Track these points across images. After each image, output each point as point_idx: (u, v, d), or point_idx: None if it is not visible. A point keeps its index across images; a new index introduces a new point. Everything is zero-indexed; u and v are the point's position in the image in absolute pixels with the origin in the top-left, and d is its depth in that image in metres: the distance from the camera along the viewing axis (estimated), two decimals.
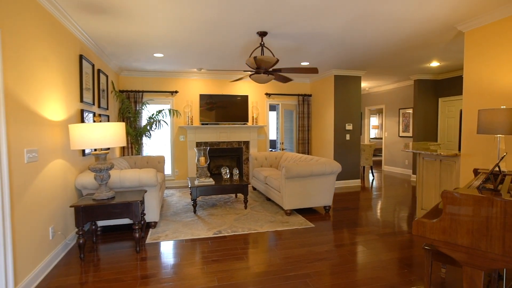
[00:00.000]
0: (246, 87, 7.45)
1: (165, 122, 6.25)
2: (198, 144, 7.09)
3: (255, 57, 3.67)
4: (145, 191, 3.58)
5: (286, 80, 4.24)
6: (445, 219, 1.81)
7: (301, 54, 5.23)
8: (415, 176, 7.59)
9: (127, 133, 5.96)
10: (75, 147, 2.93)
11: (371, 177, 8.01)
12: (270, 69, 3.90)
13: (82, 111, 3.86)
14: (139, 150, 6.18)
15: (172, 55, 5.21)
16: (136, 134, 6.07)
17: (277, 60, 3.76)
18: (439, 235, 1.83)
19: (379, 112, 12.76)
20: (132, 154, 6.46)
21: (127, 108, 6.07)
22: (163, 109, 6.30)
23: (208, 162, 5.20)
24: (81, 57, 3.87)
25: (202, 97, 6.96)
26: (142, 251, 3.28)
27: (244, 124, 7.30)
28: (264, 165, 6.46)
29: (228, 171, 5.27)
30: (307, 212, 4.72)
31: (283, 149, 7.37)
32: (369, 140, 11.66)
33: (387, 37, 4.25)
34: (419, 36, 4.20)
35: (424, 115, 7.57)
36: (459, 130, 6.17)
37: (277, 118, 10.01)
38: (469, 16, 3.52)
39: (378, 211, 4.84)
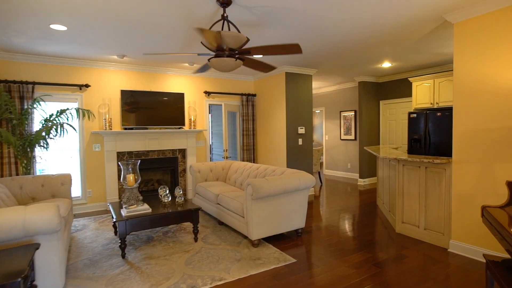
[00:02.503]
0: (182, 83, 6.12)
1: (71, 126, 4.50)
2: (120, 155, 5.45)
3: (218, 32, 2.53)
4: (37, 246, 2.07)
5: (267, 68, 3.17)
6: None
7: (260, 39, 4.27)
8: (362, 180, 7.39)
9: (6, 142, 4.03)
10: None
11: (318, 183, 7.54)
12: (238, 51, 2.81)
13: None
14: (28, 167, 4.28)
15: (80, 29, 3.63)
16: (23, 144, 4.17)
17: (248, 39, 2.70)
18: None
19: (318, 115, 12.71)
20: (17, 174, 4.48)
21: (6, 105, 4.13)
22: (68, 109, 4.55)
23: (139, 181, 3.77)
24: None
25: (124, 94, 5.36)
26: None
27: (179, 128, 5.95)
28: (209, 179, 5.25)
29: (167, 191, 3.92)
30: (276, 239, 3.74)
31: (227, 158, 6.28)
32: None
33: (366, 28, 3.61)
34: (400, 27, 3.67)
35: (367, 117, 7.44)
36: (408, 133, 6.09)
37: (211, 122, 8.86)
38: (459, 5, 3.07)
39: (351, 227, 4.17)
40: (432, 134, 5.72)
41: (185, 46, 4.37)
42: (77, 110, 4.54)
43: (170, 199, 3.78)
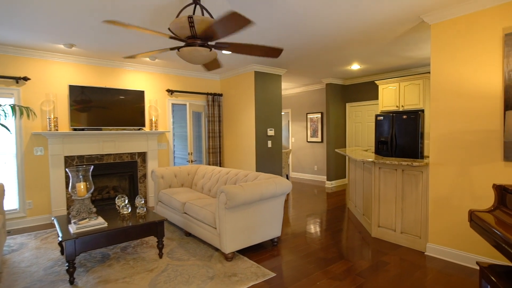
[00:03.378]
0: (142, 80, 5.56)
1: (3, 126, 3.77)
2: (69, 160, 4.76)
3: (190, 17, 2.17)
4: None
5: (263, 52, 2.79)
6: None
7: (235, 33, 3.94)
8: (330, 183, 7.37)
9: None
10: None
11: None
12: (214, 41, 2.46)
13: None
14: None
15: (12, 9, 3.01)
16: None
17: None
18: None
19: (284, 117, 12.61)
20: None
21: None
22: (0, 105, 3.82)
23: (91, 190, 3.24)
24: None
25: (74, 90, 4.70)
26: None
27: (139, 129, 5.40)
28: (173, 185, 4.79)
29: (126, 200, 3.43)
30: (251, 250, 3.44)
31: (192, 161, 5.83)
32: None
33: (343, 27, 3.46)
34: (376, 26, 3.58)
35: (334, 120, 7.46)
36: (375, 135, 6.16)
37: (173, 123, 8.35)
38: (437, 6, 3.05)
39: (326, 233, 4.01)
40: (398, 137, 5.82)
41: (150, 36, 3.91)
42: (13, 107, 3.82)
43: (130, 210, 3.29)
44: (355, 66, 5.86)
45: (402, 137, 5.75)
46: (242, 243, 3.19)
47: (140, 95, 5.35)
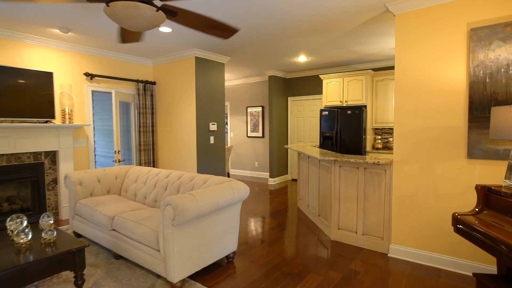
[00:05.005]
0: (49, 59, 4.34)
1: None
2: None
3: None
4: None
5: (205, 27, 2.15)
6: None
7: None
8: (273, 180, 7.09)
9: None
10: None
11: None
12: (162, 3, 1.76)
13: None
14: None
15: None
16: None
17: None
18: None
19: None
20: None
21: None
22: None
23: None
24: None
25: None
26: None
27: (47, 122, 4.21)
28: (96, 193, 3.83)
29: (24, 222, 2.46)
30: (203, 272, 2.82)
31: (119, 161, 4.84)
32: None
33: (300, 12, 3.05)
34: (338, 13, 3.27)
35: (277, 114, 7.18)
36: (320, 130, 6.05)
37: (93, 114, 7.09)
38: None
39: (283, 240, 3.63)
40: (342, 132, 5.80)
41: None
42: None
43: (30, 237, 2.34)
44: (302, 58, 5.61)
45: (346, 132, 5.74)
46: (194, 266, 2.56)
47: (47, 78, 4.15)
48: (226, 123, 8.98)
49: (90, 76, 4.74)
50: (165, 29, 3.82)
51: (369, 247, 3.33)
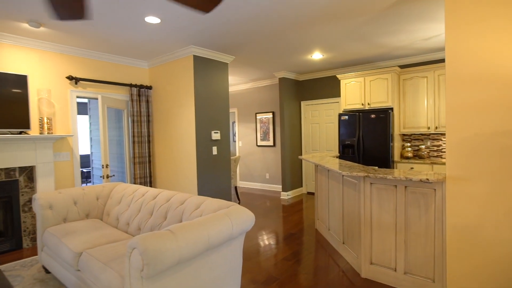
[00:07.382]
0: (23, 60, 3.77)
1: None
2: None
3: None
4: None
5: None
6: None
7: None
8: (286, 194, 6.32)
9: None
10: None
11: (236, 201, 6.11)
12: None
13: None
14: None
15: None
16: None
17: None
18: None
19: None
20: None
21: None
22: None
23: None
24: None
25: None
26: None
27: (20, 133, 3.62)
28: (71, 218, 3.17)
29: None
30: None
31: (108, 177, 4.21)
32: None
33: None
34: None
35: (289, 120, 6.44)
36: (339, 137, 5.28)
37: (91, 124, 6.54)
38: None
39: (302, 276, 2.85)
40: (365, 139, 5.01)
41: None
42: None
43: None
44: (317, 55, 4.89)
45: (370, 139, 4.95)
46: None
47: (19, 82, 3.57)
48: (234, 133, 8.31)
49: (74, 79, 4.16)
50: (152, 19, 3.18)
51: None
